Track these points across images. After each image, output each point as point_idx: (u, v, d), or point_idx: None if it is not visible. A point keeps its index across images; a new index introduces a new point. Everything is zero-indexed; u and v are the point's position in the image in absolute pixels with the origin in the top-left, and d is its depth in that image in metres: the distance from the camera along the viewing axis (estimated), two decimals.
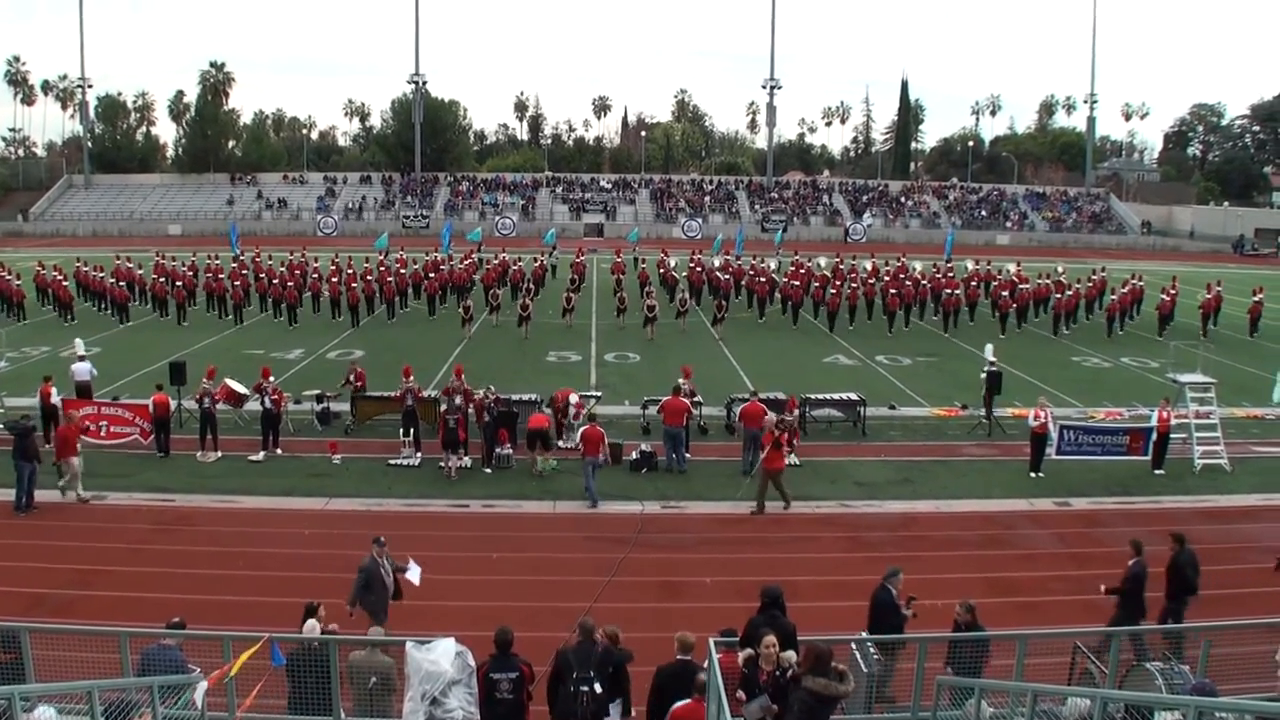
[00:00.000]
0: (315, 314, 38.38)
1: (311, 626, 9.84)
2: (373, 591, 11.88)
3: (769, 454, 17.29)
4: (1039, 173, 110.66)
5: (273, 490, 18.44)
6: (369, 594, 11.85)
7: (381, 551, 12.11)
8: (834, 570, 15.16)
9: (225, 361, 28.37)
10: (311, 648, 9.24)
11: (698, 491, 18.78)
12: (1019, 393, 26.03)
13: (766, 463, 17.33)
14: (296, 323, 36.29)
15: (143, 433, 20.90)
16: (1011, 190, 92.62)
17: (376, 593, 11.93)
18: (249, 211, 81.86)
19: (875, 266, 45.21)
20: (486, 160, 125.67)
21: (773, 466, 17.36)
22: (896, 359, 31.54)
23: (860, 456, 21.18)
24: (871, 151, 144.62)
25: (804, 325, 38.07)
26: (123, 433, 20.91)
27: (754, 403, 20.13)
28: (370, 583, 11.88)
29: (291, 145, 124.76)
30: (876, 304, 40.07)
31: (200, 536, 16.23)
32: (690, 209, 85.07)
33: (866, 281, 42.29)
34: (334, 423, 22.86)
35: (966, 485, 19.42)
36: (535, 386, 24.51)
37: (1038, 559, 15.86)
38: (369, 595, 11.85)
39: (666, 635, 9.74)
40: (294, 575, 14.54)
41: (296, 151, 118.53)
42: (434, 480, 19.19)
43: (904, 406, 25.36)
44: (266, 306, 38.88)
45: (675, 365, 26.51)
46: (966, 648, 9.53)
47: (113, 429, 20.88)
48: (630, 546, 15.89)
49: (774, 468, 17.39)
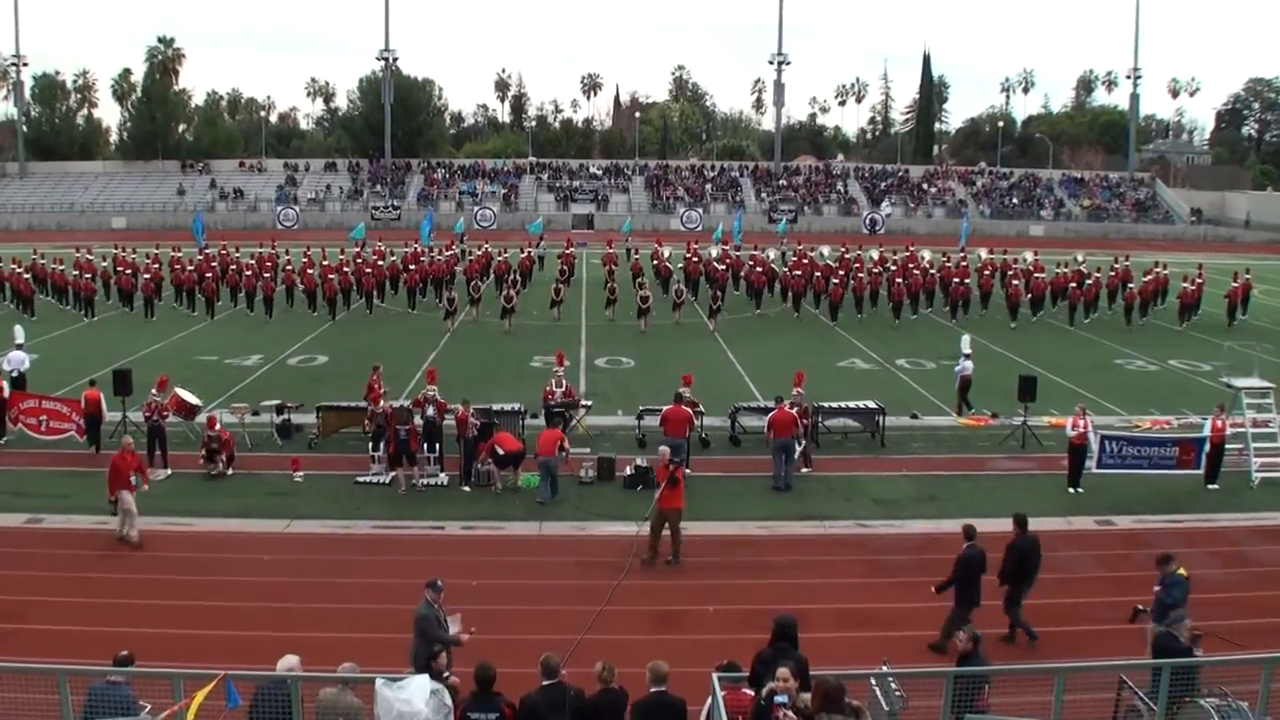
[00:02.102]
0: (289, 308, 39.71)
1: (290, 665, 9.68)
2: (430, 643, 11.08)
3: (664, 491, 16.17)
4: (1076, 156, 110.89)
5: (229, 511, 18.41)
6: (427, 646, 10.99)
7: (437, 598, 11.60)
8: (850, 598, 15.15)
9: (176, 369, 28.36)
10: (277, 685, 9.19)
11: (699, 511, 18.76)
12: (1056, 399, 26.07)
13: (662, 500, 16.20)
14: (271, 316, 37.83)
15: (79, 429, 21.78)
16: (1046, 175, 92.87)
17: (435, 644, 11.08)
18: (201, 202, 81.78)
19: (883, 256, 45.90)
20: (464, 145, 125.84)
21: (668, 505, 16.20)
22: (919, 363, 31.58)
23: (879, 471, 21.19)
24: (890, 133, 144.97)
25: (809, 320, 38.56)
26: (61, 428, 21.95)
27: (782, 409, 20.21)
28: (426, 632, 11.26)
29: (248, 129, 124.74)
30: (882, 295, 40.87)
31: (148, 563, 16.19)
32: (689, 198, 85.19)
33: (872, 272, 42.97)
34: (296, 436, 22.83)
35: (997, 502, 19.39)
36: (517, 394, 24.51)
37: (1077, 583, 15.86)
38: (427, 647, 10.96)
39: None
40: (253, 606, 14.51)
41: (254, 136, 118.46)
42: (407, 500, 19.18)
43: (928, 415, 25.39)
44: (238, 300, 40.28)
45: (673, 370, 26.47)
46: (961, 681, 9.45)
47: (52, 424, 21.86)
48: (625, 572, 15.88)
49: (670, 506, 16.21)
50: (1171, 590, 12.56)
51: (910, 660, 12.20)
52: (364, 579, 15.39)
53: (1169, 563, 12.80)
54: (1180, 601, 12.45)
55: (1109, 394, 27.63)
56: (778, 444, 19.90)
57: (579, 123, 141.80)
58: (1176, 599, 12.45)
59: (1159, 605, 12.53)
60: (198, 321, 37.45)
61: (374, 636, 13.14)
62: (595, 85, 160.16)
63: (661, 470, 16.51)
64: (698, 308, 41.21)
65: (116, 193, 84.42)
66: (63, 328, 36.42)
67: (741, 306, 42.00)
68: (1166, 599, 12.48)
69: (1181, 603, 12.44)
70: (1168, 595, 12.51)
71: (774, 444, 20.03)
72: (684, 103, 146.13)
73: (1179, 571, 12.72)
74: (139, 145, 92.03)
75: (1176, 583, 12.62)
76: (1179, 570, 12.73)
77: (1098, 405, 25.66)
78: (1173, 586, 12.60)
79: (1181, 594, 12.54)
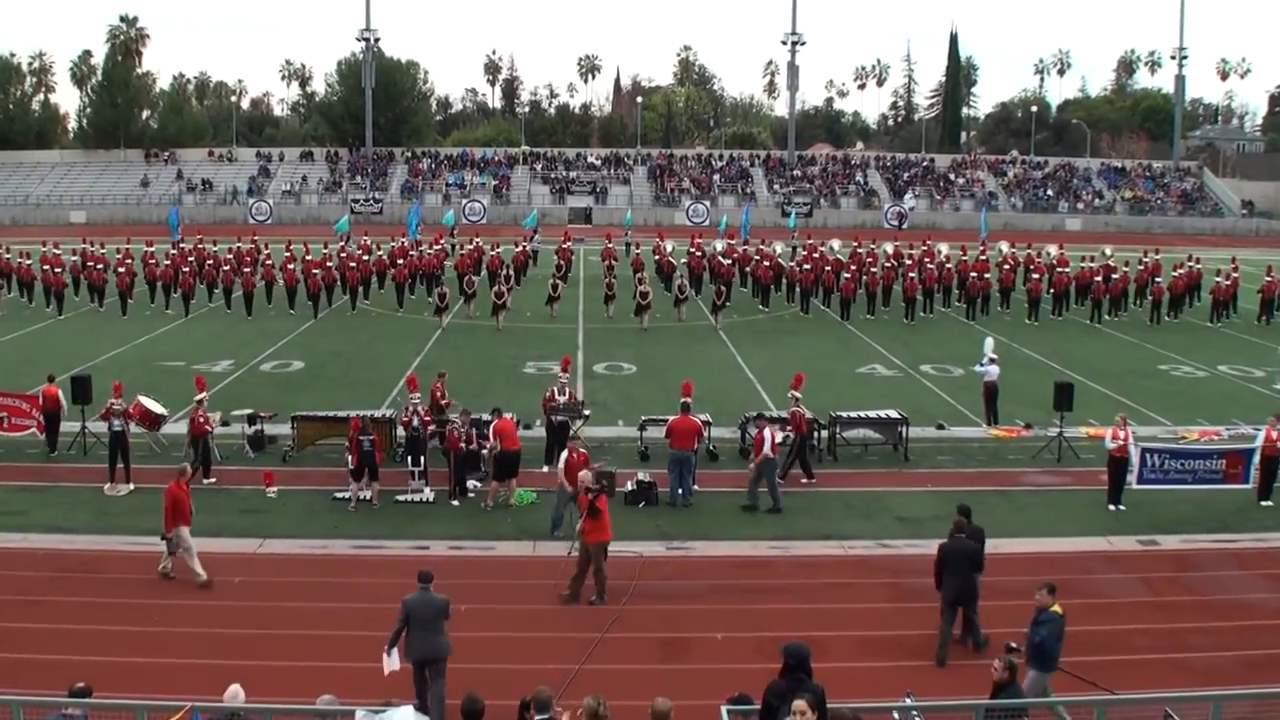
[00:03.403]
0: (269, 305, 40.44)
1: (234, 693, 9.75)
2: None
3: (585, 523, 15.59)
4: (1117, 144, 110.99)
5: (196, 530, 18.28)
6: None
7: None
8: (871, 624, 15.14)
9: (139, 375, 28.37)
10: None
11: (707, 530, 18.75)
12: (1095, 407, 26.06)
13: (587, 534, 15.64)
14: (250, 314, 38.66)
15: (39, 425, 22.52)
16: (1084, 165, 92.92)
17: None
18: (167, 195, 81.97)
19: (898, 250, 46.45)
20: (451, 133, 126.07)
21: (593, 539, 15.62)
22: (945, 368, 31.59)
23: (902, 486, 21.17)
24: (914, 120, 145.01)
25: (822, 320, 39.08)
26: (22, 425, 22.77)
27: (685, 417, 20.12)
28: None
29: (218, 116, 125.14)
30: (896, 291, 41.47)
31: (108, 586, 16.19)
32: (696, 190, 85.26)
33: (886, 267, 43.52)
34: (270, 449, 22.84)
35: (1032, 521, 19.39)
36: (510, 402, 24.50)
37: (1118, 609, 15.84)
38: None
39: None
40: (220, 632, 14.50)
41: (224, 123, 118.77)
42: (388, 518, 19.18)
43: (955, 426, 25.38)
44: (215, 296, 41.40)
45: (678, 377, 26.44)
46: (993, 715, 9.46)
47: (14, 421, 22.68)
48: (627, 597, 15.86)
49: (594, 540, 15.63)
50: (1039, 628, 11.95)
51: (937, 691, 12.18)
52: (342, 603, 15.38)
53: (1050, 593, 12.15)
54: (1050, 643, 11.83)
55: (1153, 402, 27.62)
56: (675, 456, 19.72)
57: (576, 109, 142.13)
58: (1044, 638, 11.83)
59: (1030, 646, 11.93)
60: (173, 319, 38.22)
61: (354, 666, 13.13)
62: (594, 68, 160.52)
63: (583, 499, 15.77)
64: (701, 305, 41.35)
65: (75, 184, 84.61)
66: (31, 325, 37.06)
67: (750, 307, 42.15)
68: (1035, 637, 11.89)
69: (1052, 645, 11.84)
70: (1035, 633, 11.93)
71: (671, 456, 19.85)
72: (690, 86, 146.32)
73: (1053, 608, 12.06)
74: (99, 133, 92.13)
75: (1047, 620, 12.00)
76: (1054, 607, 12.08)
77: (1141, 415, 25.64)
78: (1041, 624, 11.98)
79: (1051, 634, 11.89)
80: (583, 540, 15.68)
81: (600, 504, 15.58)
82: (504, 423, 19.87)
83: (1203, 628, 13.30)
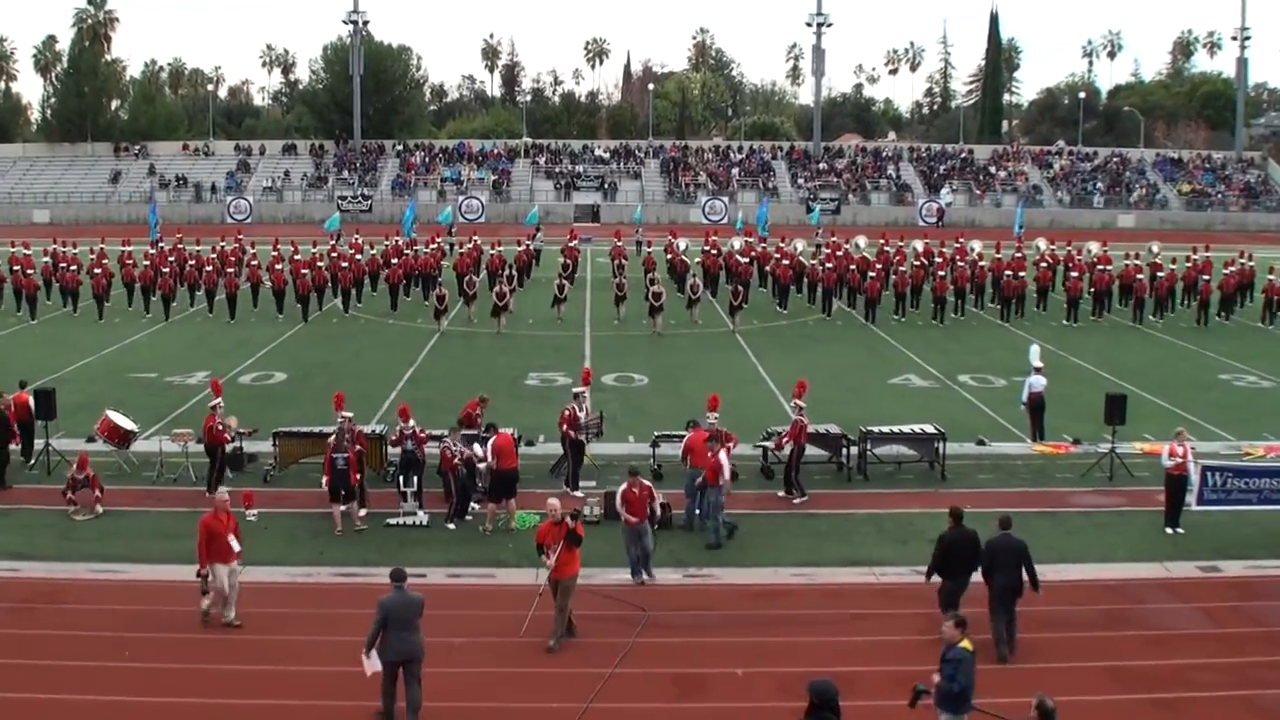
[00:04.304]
0: (255, 308, 41.11)
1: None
2: None
3: (561, 555, 15.09)
4: (1173, 133, 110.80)
5: (168, 556, 18.42)
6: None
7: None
8: (905, 658, 15.06)
9: (107, 388, 28.48)
10: None
11: (727, 556, 18.72)
12: (1151, 421, 25.96)
13: (561, 567, 15.14)
14: (234, 317, 39.37)
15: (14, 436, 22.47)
16: (1137, 156, 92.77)
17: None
18: (137, 192, 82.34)
19: (928, 248, 46.93)
20: (447, 124, 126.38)
21: (561, 573, 15.19)
22: (986, 379, 31.52)
23: (939, 508, 20.98)
24: (951, 108, 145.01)
25: (850, 324, 39.50)
26: None
27: (698, 430, 20.18)
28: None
29: (193, 106, 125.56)
30: (925, 292, 41.93)
31: (70, 618, 16.19)
32: (713, 185, 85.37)
33: (915, 265, 43.97)
34: (249, 468, 22.88)
35: (1082, 545, 19.32)
36: (511, 418, 24.50)
37: (1177, 642, 15.76)
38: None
39: None
40: (195, 668, 14.51)
41: (200, 114, 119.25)
42: (379, 543, 19.17)
43: (997, 441, 25.31)
44: (197, 299, 42.03)
45: (693, 389, 26.42)
46: None
47: None
48: (639, 628, 15.84)
49: (562, 575, 15.20)
50: (948, 666, 11.46)
51: (999, 694, 12.10)
52: (328, 636, 15.37)
53: (958, 626, 11.67)
54: (964, 684, 11.35)
55: (1214, 415, 27.51)
56: (693, 475, 19.63)
57: (582, 97, 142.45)
58: (953, 677, 11.33)
59: (939, 687, 11.46)
60: (147, 325, 38.78)
61: (337, 704, 13.13)
62: (601, 52, 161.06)
63: (549, 529, 15.28)
64: (717, 306, 41.43)
65: (39, 180, 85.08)
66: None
67: (769, 310, 42.32)
68: (944, 676, 11.43)
69: (964, 684, 11.35)
70: (944, 672, 11.43)
71: (687, 475, 19.80)
72: (706, 73, 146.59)
73: (963, 644, 11.52)
74: (64, 125, 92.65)
75: (956, 657, 11.47)
76: (963, 642, 11.53)
77: (1200, 429, 25.52)
78: (950, 661, 11.46)
79: (962, 672, 11.38)
80: (551, 576, 15.23)
81: (580, 531, 15.30)
82: (503, 438, 19.89)
83: (1271, 662, 13.21)
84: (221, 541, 15.46)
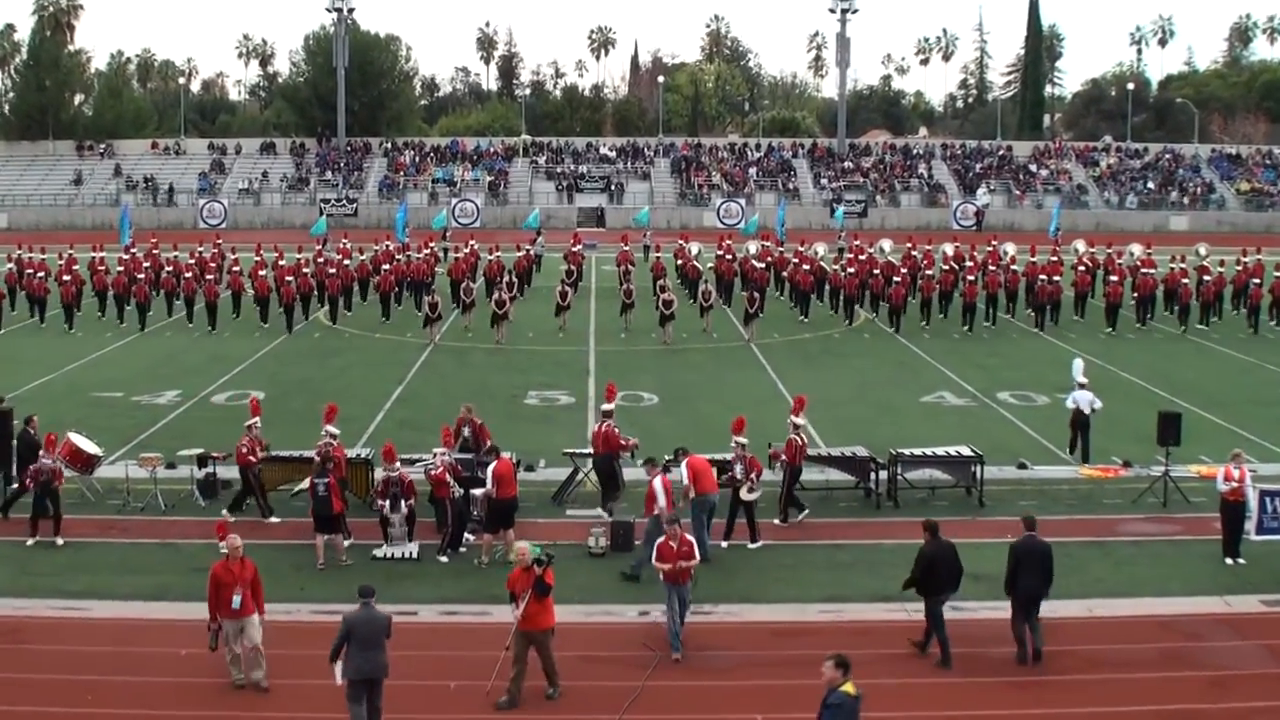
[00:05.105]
0: (236, 317, 41.80)
1: None
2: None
3: (529, 605, 14.55)
4: (1230, 127, 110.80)
5: (137, 592, 18.41)
6: None
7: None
8: (939, 703, 15.04)
9: (70, 408, 28.51)
10: None
11: (743, 591, 18.67)
12: (1208, 441, 25.88)
13: (525, 620, 14.60)
14: (214, 327, 40.00)
15: None
16: (1191, 152, 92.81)
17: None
18: (103, 195, 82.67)
19: (959, 251, 47.53)
20: (439, 120, 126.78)
21: (534, 625, 14.68)
22: (1027, 396, 31.48)
23: (976, 538, 20.98)
24: (987, 101, 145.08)
25: (875, 335, 39.89)
26: None
27: (693, 457, 19.99)
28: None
29: (163, 101, 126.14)
30: (956, 299, 42.60)
31: (29, 659, 16.16)
32: (729, 186, 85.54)
33: (943, 270, 44.47)
34: (223, 495, 22.86)
35: (1134, 578, 19.24)
36: (508, 442, 24.49)
37: (1239, 683, 15.68)
38: None
39: None
40: (166, 714, 14.49)
41: (170, 110, 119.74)
42: (366, 578, 19.08)
43: (1040, 465, 25.25)
44: (175, 308, 42.86)
45: (707, 408, 26.45)
46: None
47: None
48: (649, 670, 15.80)
49: (535, 628, 14.71)
50: (828, 712, 11.07)
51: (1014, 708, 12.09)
52: (310, 680, 15.33)
53: (839, 667, 11.21)
54: None
55: (1277, 434, 27.38)
56: (700, 502, 19.45)
57: (586, 90, 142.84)
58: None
59: None
60: (125, 334, 39.54)
61: None
62: (607, 42, 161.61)
63: (519, 575, 14.82)
64: (730, 315, 41.48)
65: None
66: None
67: (789, 320, 42.52)
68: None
69: None
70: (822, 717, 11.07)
71: (693, 502, 19.45)
72: (721, 64, 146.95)
73: (844, 688, 11.12)
74: (24, 121, 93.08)
75: (837, 703, 11.08)
76: (845, 685, 11.12)
77: (1261, 449, 25.46)
78: (831, 707, 11.07)
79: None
80: (520, 628, 14.66)
81: (549, 578, 14.72)
82: (504, 464, 19.87)
83: None
84: (229, 594, 14.95)
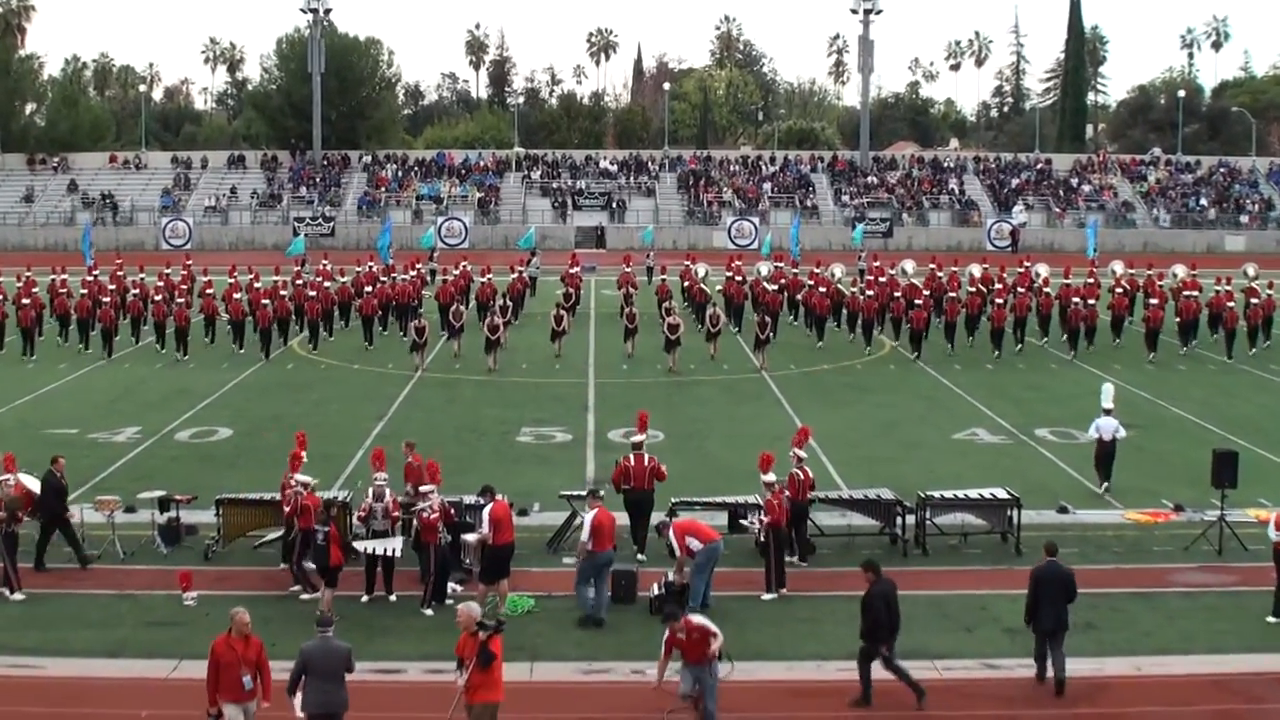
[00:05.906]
0: (210, 343, 42.70)
1: None
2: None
3: (472, 675, 14.10)
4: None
5: (93, 648, 18.43)
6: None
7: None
8: None
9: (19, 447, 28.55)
10: None
11: (757, 647, 18.68)
12: (1268, 483, 25.88)
13: (471, 690, 14.18)
14: (185, 353, 40.62)
15: None
16: (1248, 165, 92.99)
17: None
18: (56, 212, 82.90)
19: (986, 274, 48.06)
20: (424, 131, 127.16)
21: (481, 698, 14.27)
22: (1068, 433, 31.48)
23: (1013, 589, 20.96)
24: (1024, 110, 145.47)
25: (903, 367, 39.76)
26: None
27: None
28: None
29: (122, 111, 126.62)
30: (983, 324, 43.12)
31: None
32: (741, 203, 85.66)
33: (970, 292, 44.89)
34: (187, 541, 22.89)
35: (1186, 633, 19.23)
36: (500, 483, 24.50)
37: None
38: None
39: None
40: None
41: (130, 120, 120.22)
42: (343, 632, 19.11)
43: (1082, 509, 25.28)
44: (141, 334, 43.38)
45: (717, 447, 26.48)
46: None
47: None
48: None
49: (482, 700, 14.29)
50: None
51: None
52: None
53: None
54: None
55: None
56: (707, 551, 19.77)
57: (585, 98, 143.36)
58: None
59: None
60: (90, 361, 40.15)
61: None
62: (608, 46, 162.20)
63: (466, 640, 14.32)
64: (741, 341, 41.63)
65: None
66: None
67: (805, 348, 42.87)
68: None
69: None
70: None
71: (700, 551, 19.71)
72: (732, 69, 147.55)
73: None
74: None
75: None
76: None
77: None
78: None
79: None
80: (465, 699, 14.32)
81: (494, 646, 14.17)
82: (500, 507, 19.87)
83: None
84: (233, 674, 14.12)
